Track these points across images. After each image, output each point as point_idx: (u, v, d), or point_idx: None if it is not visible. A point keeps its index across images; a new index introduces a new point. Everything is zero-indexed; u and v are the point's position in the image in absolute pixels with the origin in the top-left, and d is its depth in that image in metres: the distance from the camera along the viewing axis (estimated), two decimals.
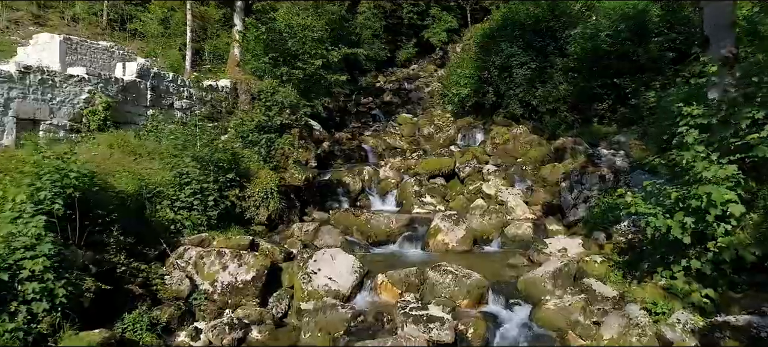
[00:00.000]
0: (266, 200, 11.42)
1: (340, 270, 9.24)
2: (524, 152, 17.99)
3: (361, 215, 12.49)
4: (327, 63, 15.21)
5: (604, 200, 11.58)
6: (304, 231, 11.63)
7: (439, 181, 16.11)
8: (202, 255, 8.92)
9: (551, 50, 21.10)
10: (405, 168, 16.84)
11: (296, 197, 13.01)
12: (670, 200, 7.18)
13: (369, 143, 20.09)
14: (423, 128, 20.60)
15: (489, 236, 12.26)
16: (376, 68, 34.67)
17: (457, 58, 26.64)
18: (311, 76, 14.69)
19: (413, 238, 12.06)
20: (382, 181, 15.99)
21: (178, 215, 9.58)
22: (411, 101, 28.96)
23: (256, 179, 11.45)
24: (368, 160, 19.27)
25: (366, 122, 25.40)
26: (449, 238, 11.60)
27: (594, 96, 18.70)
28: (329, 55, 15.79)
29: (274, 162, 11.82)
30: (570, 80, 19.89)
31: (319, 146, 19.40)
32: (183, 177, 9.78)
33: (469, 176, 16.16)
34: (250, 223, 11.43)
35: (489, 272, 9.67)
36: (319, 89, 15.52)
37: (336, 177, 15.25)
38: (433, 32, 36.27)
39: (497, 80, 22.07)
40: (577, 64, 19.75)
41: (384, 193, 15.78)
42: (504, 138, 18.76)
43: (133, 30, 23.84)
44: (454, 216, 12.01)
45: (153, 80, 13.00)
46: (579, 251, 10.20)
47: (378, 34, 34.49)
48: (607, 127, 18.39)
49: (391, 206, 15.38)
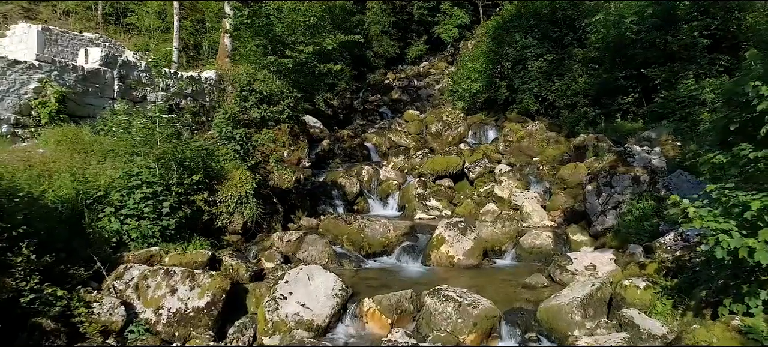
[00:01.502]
0: (241, 205, 9.50)
1: (317, 293, 7.27)
2: (540, 151, 15.88)
3: (353, 222, 10.51)
4: (320, 51, 13.25)
5: (639, 205, 9.47)
6: (285, 241, 9.68)
7: (446, 182, 14.08)
8: (147, 275, 7.00)
9: (569, 41, 18.94)
10: (409, 168, 14.84)
11: (281, 201, 11.07)
12: (750, 212, 5.08)
13: (372, 141, 18.11)
14: (431, 125, 18.58)
15: (501, 248, 10.21)
16: (385, 65, 32.75)
17: (469, 53, 24.54)
18: (303, 65, 12.76)
19: (413, 249, 10.06)
20: (382, 182, 14.00)
21: (125, 225, 7.68)
22: (420, 99, 26.93)
23: (230, 181, 9.53)
24: (371, 159, 17.31)
25: (373, 120, 23.43)
26: (455, 250, 9.57)
27: (617, 89, 16.52)
28: (323, 43, 13.82)
29: (252, 161, 9.89)
30: (590, 72, 17.73)
31: (318, 145, 17.50)
32: (132, 179, 7.88)
33: (480, 177, 14.11)
34: (223, 232, 9.52)
35: (501, 295, 7.64)
36: (313, 81, 13.58)
37: (331, 178, 13.29)
38: (444, 28, 34.23)
39: (511, 74, 19.97)
40: (598, 55, 17.58)
41: (385, 196, 13.79)
42: (518, 135, 16.67)
43: (129, 24, 22.14)
44: (460, 224, 9.98)
45: (122, 69, 11.16)
46: (611, 269, 8.12)
47: (387, 31, 32.60)
48: (633, 123, 16.19)
49: (392, 211, 13.39)
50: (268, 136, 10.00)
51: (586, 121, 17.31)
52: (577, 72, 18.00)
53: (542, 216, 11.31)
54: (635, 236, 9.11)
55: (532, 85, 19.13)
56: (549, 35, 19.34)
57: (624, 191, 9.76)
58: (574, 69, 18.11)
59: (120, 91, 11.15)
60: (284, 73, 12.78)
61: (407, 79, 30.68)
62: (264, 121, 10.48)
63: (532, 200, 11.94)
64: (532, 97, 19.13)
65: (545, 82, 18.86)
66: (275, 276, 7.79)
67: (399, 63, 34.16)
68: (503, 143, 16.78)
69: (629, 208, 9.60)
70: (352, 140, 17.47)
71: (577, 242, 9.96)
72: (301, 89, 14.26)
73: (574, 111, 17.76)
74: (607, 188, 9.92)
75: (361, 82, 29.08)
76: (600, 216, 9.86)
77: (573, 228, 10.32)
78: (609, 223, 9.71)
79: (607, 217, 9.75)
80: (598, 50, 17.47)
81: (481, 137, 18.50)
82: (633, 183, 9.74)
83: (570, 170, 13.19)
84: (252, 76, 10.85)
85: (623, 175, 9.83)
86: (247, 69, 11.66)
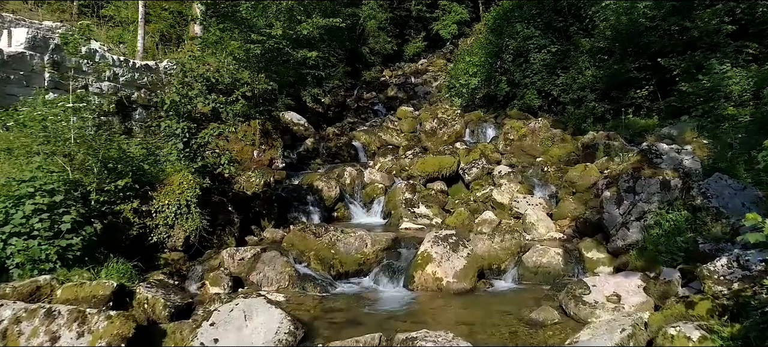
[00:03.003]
0: (182, 216, 7.51)
1: (254, 338, 5.28)
2: (544, 150, 13.84)
3: (323, 235, 8.51)
4: (295, 37, 11.22)
5: (670, 216, 7.43)
6: (238, 260, 7.68)
7: (438, 186, 12.04)
8: (21, 318, 5.02)
9: (575, 30, 16.85)
10: (397, 169, 12.82)
11: (240, 209, 9.09)
12: None
13: (361, 140, 16.09)
14: (425, 122, 16.56)
15: (501, 266, 8.19)
16: (382, 63, 30.72)
17: (467, 46, 22.49)
18: (275, 52, 10.78)
19: (394, 269, 8.05)
20: (367, 186, 11.99)
21: (9, 246, 5.70)
22: (417, 96, 24.87)
23: (168, 186, 7.54)
24: (358, 159, 15.31)
25: (366, 118, 21.42)
26: (443, 271, 7.56)
27: (629, 82, 14.45)
28: (299, 28, 11.80)
29: (199, 162, 7.91)
30: (598, 64, 15.65)
31: (301, 143, 15.52)
32: (22, 186, 5.91)
33: (477, 180, 12.09)
34: (160, 249, 7.56)
35: (498, 337, 5.64)
36: (287, 71, 11.55)
37: (308, 182, 11.28)
38: (443, 25, 32.16)
39: (511, 68, 17.91)
40: (607, 45, 15.49)
41: (369, 201, 11.79)
42: (519, 133, 14.62)
43: (106, 16, 20.17)
44: (451, 238, 7.97)
45: (55, 54, 9.20)
46: (641, 300, 6.10)
47: (383, 26, 30.56)
48: (647, 119, 14.13)
49: (376, 218, 11.39)
50: (217, 131, 7.98)
51: (594, 117, 15.25)
52: (584, 64, 15.93)
53: (549, 227, 9.28)
54: (666, 255, 7.08)
55: (535, 79, 17.08)
56: (553, 25, 17.27)
57: (650, 199, 7.71)
58: (580, 61, 16.05)
59: (53, 80, 9.18)
60: (252, 62, 10.81)
61: (404, 76, 28.65)
62: (216, 113, 8.50)
63: (537, 208, 9.91)
64: (535, 92, 17.08)
65: (549, 75, 16.80)
66: (207, 312, 5.80)
67: (397, 60, 32.11)
68: (503, 142, 14.74)
69: (657, 219, 7.55)
70: (338, 139, 15.47)
71: (593, 260, 7.92)
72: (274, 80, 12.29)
73: (581, 106, 15.70)
74: (629, 194, 7.86)
75: (356, 79, 27.09)
76: (621, 229, 7.80)
77: (587, 243, 8.27)
78: (632, 237, 7.66)
79: (629, 230, 7.70)
80: (608, 40, 15.40)
81: (479, 136, 16.46)
82: (662, 189, 7.68)
83: (579, 172, 11.16)
84: (200, 61, 8.85)
85: (649, 179, 7.76)
86: (193, 50, 9.70)
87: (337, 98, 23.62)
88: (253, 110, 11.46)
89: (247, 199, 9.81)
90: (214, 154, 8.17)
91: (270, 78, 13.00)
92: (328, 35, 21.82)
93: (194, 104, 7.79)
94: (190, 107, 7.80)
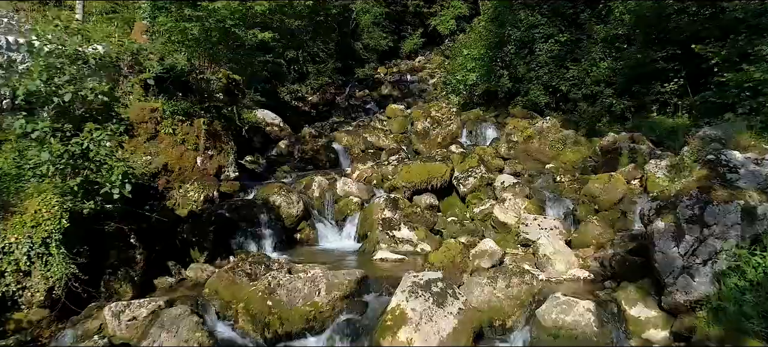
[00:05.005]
0: (40, 258, 4.89)
1: None
2: (555, 154, 11.16)
3: (262, 276, 5.88)
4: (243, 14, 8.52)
5: (759, 260, 4.76)
6: (126, 322, 5.07)
7: (427, 199, 9.35)
8: None
9: (586, 17, 14.12)
10: (378, 179, 10.15)
11: (152, 240, 6.45)
12: None
13: (342, 142, 13.42)
14: (416, 122, 13.88)
15: (506, 322, 5.54)
16: (378, 60, 28.00)
17: (464, 38, 19.78)
18: (220, 33, 8.13)
19: (356, 329, 5.41)
20: (340, 200, 9.32)
21: None
22: (412, 94, 22.18)
23: (19, 216, 4.92)
24: (339, 164, 12.67)
25: (355, 117, 18.76)
26: (423, 337, 4.92)
27: (654, 73, 11.72)
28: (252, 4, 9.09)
29: (78, 179, 5.27)
30: (616, 55, 12.94)
31: (273, 146, 12.90)
32: None
33: (474, 193, 9.42)
34: (11, 307, 4.94)
35: None
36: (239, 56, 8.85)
37: (264, 196, 8.62)
38: (441, 20, 29.39)
39: (514, 61, 15.19)
40: (626, 31, 12.78)
41: (341, 218, 9.13)
42: (524, 134, 11.93)
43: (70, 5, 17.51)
44: (436, 285, 5.34)
45: None
46: None
47: (379, 22, 27.83)
48: (678, 118, 11.42)
49: (348, 242, 8.73)
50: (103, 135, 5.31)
51: (611, 116, 12.57)
52: (598, 55, 13.23)
53: (569, 261, 6.60)
54: (759, 322, 4.45)
55: (541, 73, 14.36)
56: (561, 11, 14.53)
57: (726, 233, 5.02)
58: (593, 51, 13.34)
59: None
60: (191, 45, 8.19)
61: (399, 73, 25.99)
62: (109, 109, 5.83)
63: (553, 233, 7.23)
64: (541, 87, 14.36)
65: (557, 69, 14.08)
66: None
67: (393, 57, 29.41)
68: (505, 145, 12.06)
69: (738, 264, 4.89)
70: (316, 141, 12.80)
71: (640, 321, 5.24)
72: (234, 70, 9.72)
73: (595, 103, 13.00)
74: (693, 226, 5.16)
75: (348, 76, 24.41)
76: (681, 275, 5.11)
77: (628, 292, 5.57)
78: (699, 290, 4.97)
79: (694, 279, 5.01)
80: (627, 25, 12.68)
81: (477, 137, 13.79)
82: (744, 219, 4.98)
83: (602, 184, 8.48)
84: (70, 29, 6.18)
85: (725, 204, 5.06)
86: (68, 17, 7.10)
87: (326, 96, 21.00)
88: (197, 106, 8.83)
89: (173, 223, 7.19)
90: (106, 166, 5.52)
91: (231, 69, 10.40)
92: (313, 27, 19.24)
93: (61, 93, 5.15)
94: (61, 98, 5.16)
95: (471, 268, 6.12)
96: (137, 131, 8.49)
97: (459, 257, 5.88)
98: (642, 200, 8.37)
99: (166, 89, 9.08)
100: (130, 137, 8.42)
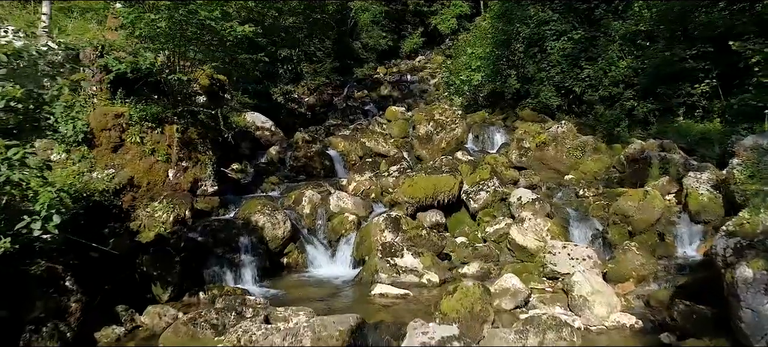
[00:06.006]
0: None
1: None
2: (573, 163, 9.84)
3: (232, 328, 4.55)
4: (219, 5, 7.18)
5: None
6: None
7: (433, 217, 8.01)
8: None
9: (602, 12, 12.77)
10: (377, 192, 8.82)
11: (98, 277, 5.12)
12: None
13: (338, 147, 12.06)
14: (419, 126, 12.54)
15: None
16: (377, 59, 26.62)
17: (469, 36, 18.41)
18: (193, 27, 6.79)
19: None
20: (333, 216, 7.98)
21: None
22: (413, 95, 20.80)
23: None
24: (334, 173, 11.33)
25: (353, 119, 17.38)
26: None
27: (681, 74, 10.41)
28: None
29: None
30: (637, 53, 11.61)
31: (263, 153, 11.57)
32: None
33: (487, 209, 8.08)
34: None
35: None
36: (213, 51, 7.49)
37: (245, 215, 7.28)
38: (442, 19, 27.99)
39: (523, 60, 13.85)
40: (650, 27, 11.45)
41: (335, 239, 7.78)
42: (538, 140, 10.58)
43: None
44: (451, 344, 4.00)
45: None
46: None
47: (378, 21, 26.45)
48: (708, 123, 10.11)
49: (342, 268, 7.39)
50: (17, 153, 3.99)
51: (631, 120, 11.24)
52: (616, 53, 11.90)
53: (611, 303, 5.25)
54: None
55: (552, 73, 13.02)
56: (575, 7, 13.19)
57: None
58: (611, 49, 12.00)
59: None
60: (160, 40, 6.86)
61: (399, 73, 24.59)
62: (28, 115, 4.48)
63: (587, 265, 5.89)
64: (552, 88, 13.02)
65: (570, 68, 12.74)
66: None
67: (392, 57, 28.01)
68: (517, 151, 10.73)
69: None
70: (309, 147, 11.45)
71: None
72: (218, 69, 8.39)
73: (614, 106, 11.67)
74: None
75: (346, 76, 23.04)
76: None
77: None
78: None
79: None
80: (650, 21, 11.35)
81: (485, 142, 12.45)
82: None
83: (636, 202, 7.17)
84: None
85: None
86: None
87: (323, 97, 19.65)
88: (170, 110, 7.49)
89: (132, 251, 5.87)
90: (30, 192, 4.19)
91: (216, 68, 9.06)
92: (308, 25, 17.87)
93: None
94: None
95: (492, 315, 4.81)
96: (99, 140, 7.18)
97: (479, 304, 4.59)
98: (683, 222, 7.08)
99: (138, 91, 7.78)
100: (89, 147, 7.16)
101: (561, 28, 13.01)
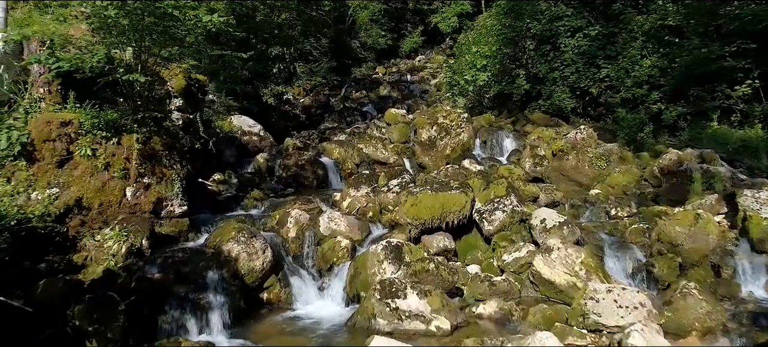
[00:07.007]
0: None
1: None
2: (597, 175, 8.49)
3: None
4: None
5: None
6: None
7: (441, 241, 6.67)
8: None
9: (622, 6, 11.43)
10: (375, 210, 7.47)
11: None
12: None
13: (333, 154, 10.70)
14: (421, 129, 11.19)
15: None
16: (376, 59, 25.29)
17: (472, 35, 17.04)
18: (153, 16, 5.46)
19: None
20: (324, 241, 6.63)
21: None
22: (413, 95, 19.44)
23: None
24: (328, 184, 10.00)
25: (352, 122, 16.02)
26: None
27: (716, 74, 9.09)
28: None
29: None
30: (663, 51, 10.27)
31: (250, 162, 10.20)
32: None
33: (503, 232, 6.73)
34: None
35: None
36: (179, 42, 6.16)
37: (216, 243, 5.93)
38: (442, 17, 26.66)
39: (534, 58, 12.52)
40: (678, 22, 10.11)
41: (326, 268, 6.44)
42: (554, 147, 9.23)
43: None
44: None
45: None
46: None
47: (377, 19, 25.13)
48: (748, 129, 8.78)
49: (333, 305, 6.04)
50: None
51: (656, 124, 9.91)
52: (639, 51, 10.56)
53: None
54: None
55: (566, 73, 11.69)
56: (590, 1, 11.85)
57: None
58: (633, 47, 10.68)
59: None
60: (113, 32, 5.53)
61: (399, 73, 23.23)
62: None
63: (640, 315, 4.55)
64: (566, 89, 11.69)
65: (586, 67, 11.42)
66: None
67: (392, 56, 26.66)
68: (531, 160, 9.42)
69: None
70: (300, 154, 10.10)
71: None
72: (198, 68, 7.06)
73: (637, 109, 10.33)
74: None
75: (344, 76, 21.68)
76: None
77: None
78: None
79: None
80: (678, 15, 10.00)
81: (493, 148, 11.13)
82: None
83: (685, 227, 5.85)
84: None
85: None
86: None
87: (320, 98, 18.31)
88: (129, 117, 6.14)
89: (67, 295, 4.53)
90: None
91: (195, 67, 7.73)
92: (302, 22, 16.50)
93: None
94: None
95: None
96: (40, 154, 5.83)
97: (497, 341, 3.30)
98: (742, 251, 5.75)
99: (96, 95, 6.44)
100: (29, 162, 5.81)
101: (575, 24, 11.69)
